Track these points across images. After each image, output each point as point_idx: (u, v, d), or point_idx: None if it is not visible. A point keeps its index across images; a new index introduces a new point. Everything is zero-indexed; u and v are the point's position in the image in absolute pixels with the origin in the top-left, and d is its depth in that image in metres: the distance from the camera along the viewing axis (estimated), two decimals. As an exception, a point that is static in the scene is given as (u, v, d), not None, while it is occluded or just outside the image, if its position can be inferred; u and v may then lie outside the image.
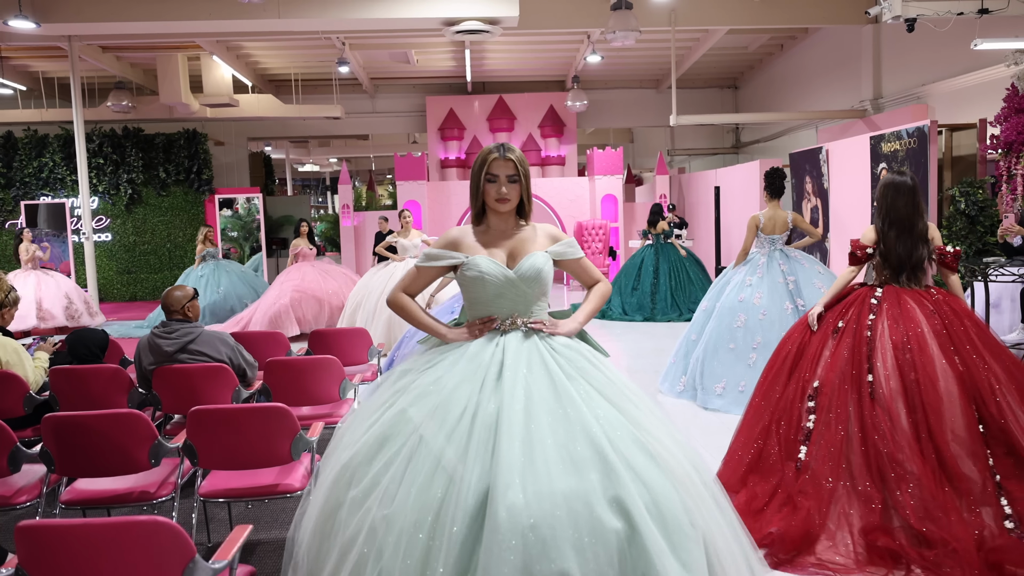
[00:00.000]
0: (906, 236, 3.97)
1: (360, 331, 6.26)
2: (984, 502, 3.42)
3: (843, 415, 3.73)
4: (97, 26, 10.23)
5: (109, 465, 3.57)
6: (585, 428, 2.47)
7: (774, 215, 6.70)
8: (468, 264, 2.86)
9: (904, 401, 3.64)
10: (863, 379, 3.76)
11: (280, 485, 3.72)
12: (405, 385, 2.75)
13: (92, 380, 4.68)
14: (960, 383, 3.63)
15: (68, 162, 15.43)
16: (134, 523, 2.29)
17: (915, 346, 3.74)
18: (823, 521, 3.52)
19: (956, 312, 3.87)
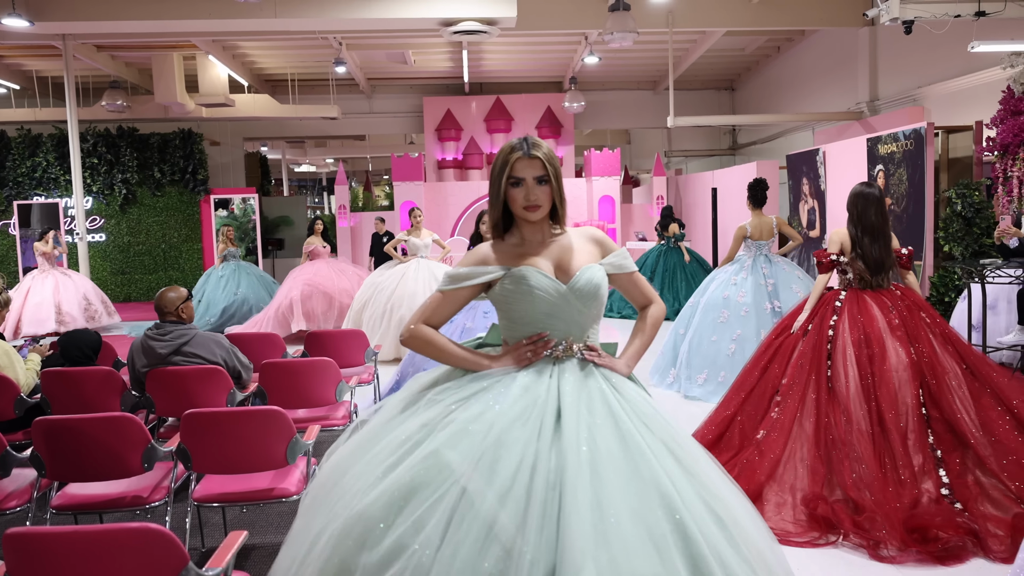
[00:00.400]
0: (880, 242, 4.42)
1: (357, 332, 6.21)
2: (925, 475, 3.86)
3: (800, 404, 4.20)
4: (91, 25, 10.15)
5: (101, 469, 3.52)
6: (661, 493, 2.04)
7: (760, 223, 7.17)
8: (512, 276, 2.37)
9: (860, 391, 4.10)
10: (823, 373, 4.25)
11: (275, 489, 3.66)
12: (436, 418, 2.23)
13: (84, 382, 4.62)
14: (912, 370, 4.11)
15: (62, 162, 15.32)
16: (125, 530, 2.24)
17: (872, 342, 4.22)
18: (769, 483, 3.99)
19: (913, 306, 4.37)
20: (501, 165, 2.40)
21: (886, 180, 9.50)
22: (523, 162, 2.38)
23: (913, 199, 8.95)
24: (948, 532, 3.59)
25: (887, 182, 9.48)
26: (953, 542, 3.55)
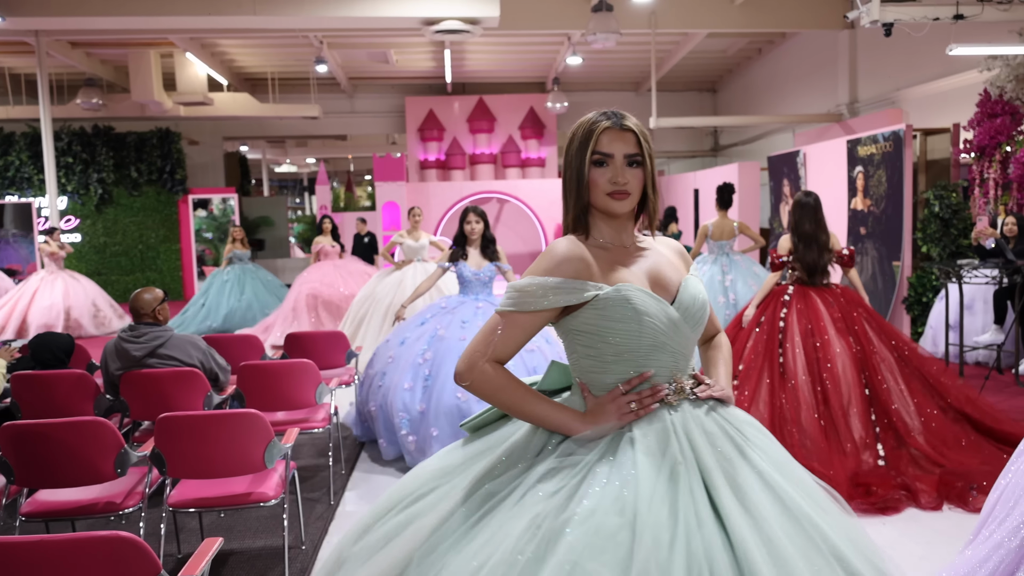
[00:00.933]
0: (812, 247, 5.01)
1: (337, 334, 6.12)
2: (866, 448, 4.48)
3: (756, 385, 4.75)
4: (65, 20, 9.95)
5: (72, 476, 3.41)
6: (839, 558, 1.65)
7: (722, 224, 7.68)
8: (612, 298, 1.78)
9: (808, 375, 4.69)
10: (775, 360, 4.83)
11: (253, 494, 3.58)
12: (544, 516, 1.60)
13: (56, 386, 4.50)
14: (852, 359, 4.71)
15: (35, 161, 15.07)
16: (95, 539, 2.15)
17: (817, 332, 4.81)
18: None
19: (852, 303, 4.98)
20: (583, 137, 1.86)
21: (865, 181, 9.54)
22: (611, 134, 1.87)
23: (892, 200, 8.99)
24: (886, 488, 4.20)
25: (866, 183, 9.52)
26: (891, 495, 4.16)
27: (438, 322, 5.34)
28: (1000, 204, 8.28)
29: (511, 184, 16.07)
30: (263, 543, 4.15)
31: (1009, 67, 8.26)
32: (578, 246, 1.85)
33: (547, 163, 17.11)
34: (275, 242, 19.09)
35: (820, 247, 5.01)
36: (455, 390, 4.83)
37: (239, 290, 11.14)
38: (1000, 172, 8.31)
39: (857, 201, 9.78)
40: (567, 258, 1.81)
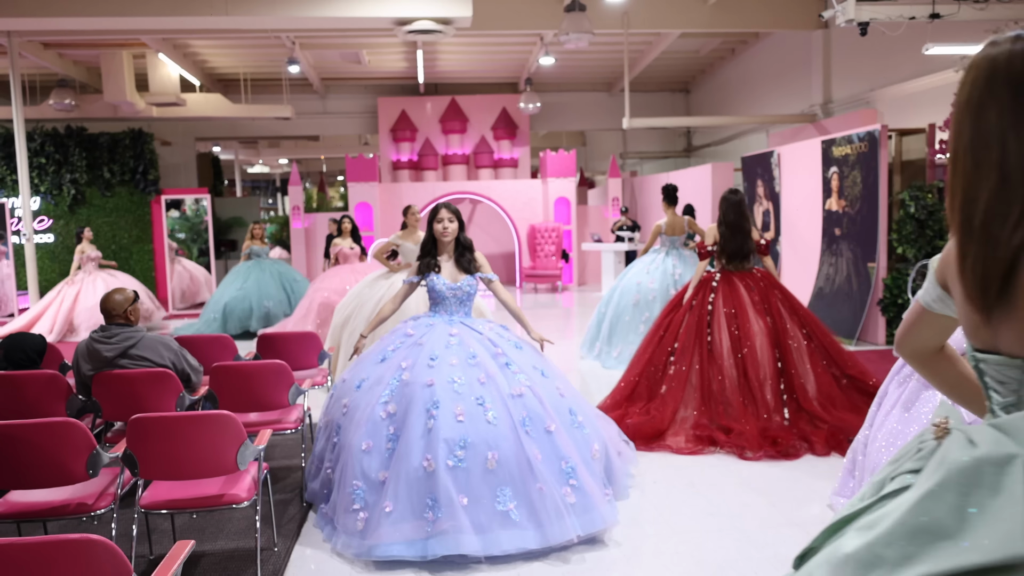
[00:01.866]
0: (737, 236, 5.88)
1: (310, 335, 6.13)
2: (775, 411, 5.47)
3: (690, 363, 5.68)
4: (37, 21, 9.87)
5: (44, 476, 3.42)
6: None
7: (672, 221, 8.34)
8: None
9: (731, 351, 5.62)
10: (704, 339, 5.72)
11: (226, 496, 3.60)
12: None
13: (28, 386, 4.49)
14: (768, 337, 5.63)
15: (8, 161, 14.92)
16: (66, 542, 2.17)
17: (739, 313, 5.71)
18: (671, 423, 5.54)
19: (770, 285, 5.87)
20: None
21: (840, 182, 9.63)
22: None
23: (867, 201, 9.09)
24: (788, 440, 5.27)
25: (841, 184, 9.61)
26: (792, 444, 5.25)
27: (403, 358, 4.29)
28: None
29: (484, 185, 16.11)
30: (235, 545, 4.16)
31: None
32: None
33: (520, 163, 17.16)
34: (248, 243, 19.01)
35: (744, 236, 5.89)
36: (423, 451, 3.86)
37: (240, 282, 11.07)
38: None
39: (832, 202, 9.87)
40: None
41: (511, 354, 4.38)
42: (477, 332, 4.47)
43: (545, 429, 4.06)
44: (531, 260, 15.82)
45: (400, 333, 4.55)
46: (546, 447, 4.00)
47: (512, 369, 4.27)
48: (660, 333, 5.98)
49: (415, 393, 4.06)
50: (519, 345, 4.53)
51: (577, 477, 3.99)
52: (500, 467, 3.86)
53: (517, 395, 4.13)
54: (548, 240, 15.65)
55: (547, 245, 15.65)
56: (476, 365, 4.20)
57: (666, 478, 4.97)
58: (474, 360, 4.22)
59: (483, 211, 16.40)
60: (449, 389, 4.05)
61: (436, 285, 4.60)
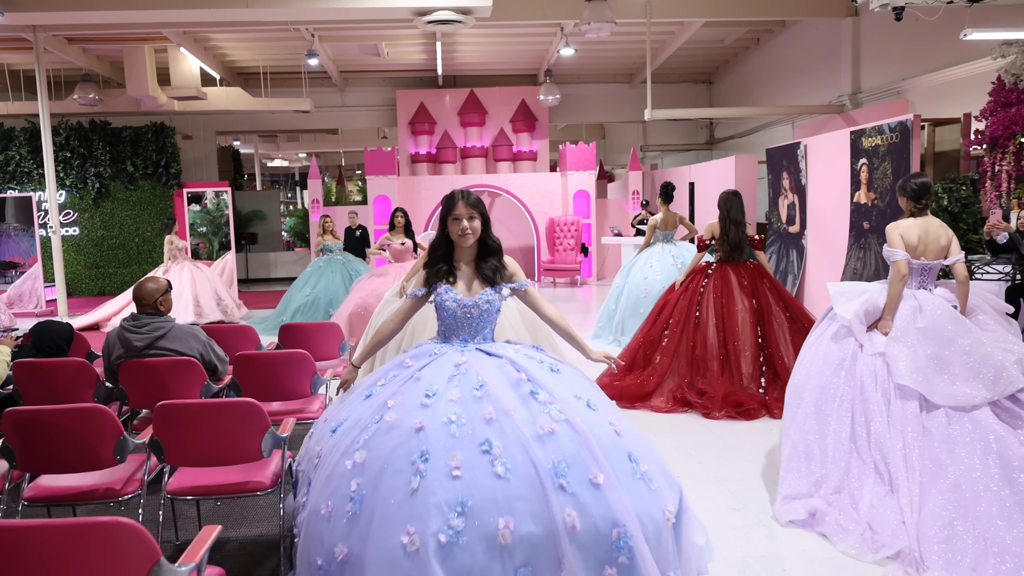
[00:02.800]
0: (736, 230, 6.54)
1: (332, 325, 6.15)
2: (752, 380, 6.20)
3: (680, 335, 6.45)
4: (62, 16, 9.99)
5: (73, 461, 3.46)
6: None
7: (667, 217, 8.86)
8: None
9: (716, 328, 6.35)
10: (692, 315, 6.47)
11: (250, 483, 3.61)
12: None
13: (57, 374, 4.54)
14: (751, 313, 6.34)
15: (35, 155, 15.15)
16: (96, 524, 2.19)
17: (726, 294, 6.43)
18: (657, 387, 6.38)
19: (760, 275, 6.55)
20: None
21: (869, 174, 9.46)
22: None
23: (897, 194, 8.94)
24: (749, 403, 6.03)
25: (870, 176, 9.45)
26: (753, 407, 6.02)
27: (391, 394, 3.22)
28: (1013, 198, 7.92)
29: (502, 178, 16.09)
30: (259, 531, 4.19)
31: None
32: None
33: (539, 156, 17.13)
34: (268, 236, 19.13)
35: (742, 230, 6.55)
36: (403, 521, 2.77)
37: (314, 282, 10.70)
38: (1014, 164, 7.94)
39: (860, 194, 9.69)
40: None
41: (542, 379, 3.21)
42: (496, 356, 3.34)
43: (590, 481, 2.87)
44: (550, 254, 15.80)
45: (396, 363, 3.46)
46: (590, 507, 2.83)
47: (540, 399, 3.10)
48: (657, 311, 6.74)
49: (397, 441, 2.96)
50: (555, 368, 3.36)
51: (632, 553, 2.82)
52: (518, 541, 2.75)
53: (545, 434, 2.97)
54: (567, 234, 15.62)
55: (566, 239, 15.62)
56: (483, 397, 3.08)
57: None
58: (481, 390, 3.11)
59: (501, 204, 16.38)
60: (443, 432, 2.95)
61: (443, 300, 3.45)
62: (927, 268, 4.30)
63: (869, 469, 3.98)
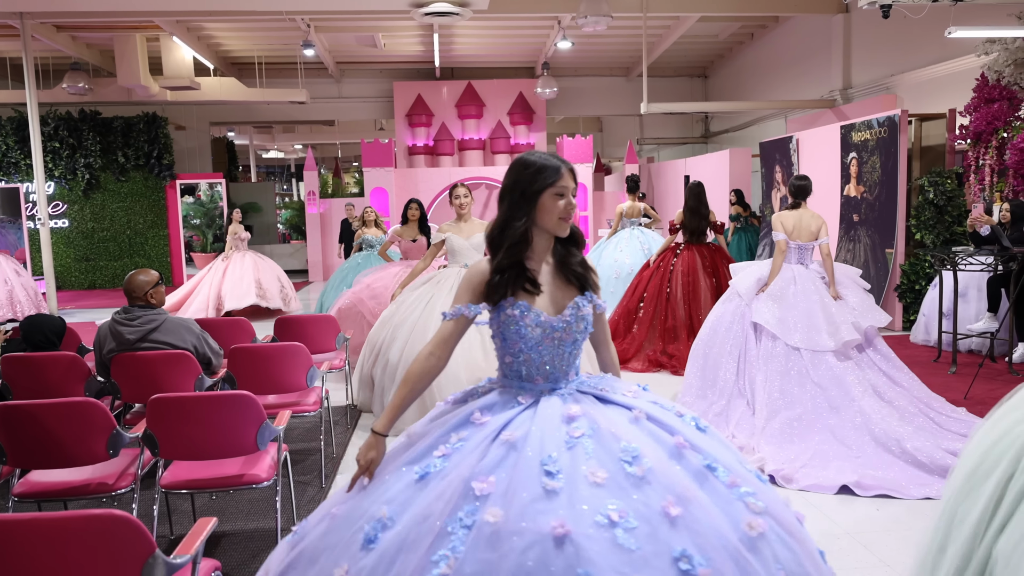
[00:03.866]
0: (695, 217, 7.50)
1: (327, 318, 6.08)
2: None
3: (654, 308, 7.46)
4: (50, 2, 9.87)
5: (65, 456, 3.39)
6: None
7: (632, 206, 9.49)
8: None
9: (683, 301, 7.37)
10: (664, 289, 7.46)
11: (246, 476, 3.56)
12: None
13: (48, 368, 4.47)
14: (712, 290, 7.31)
15: (22, 145, 14.97)
16: (89, 517, 2.13)
17: (691, 272, 7.42)
18: (636, 353, 7.38)
19: (719, 256, 7.54)
20: None
21: (859, 168, 9.51)
22: None
23: (885, 187, 8.98)
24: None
25: (860, 170, 9.49)
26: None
27: (475, 473, 2.00)
28: (995, 191, 8.15)
29: (500, 170, 16.02)
30: (255, 525, 4.14)
31: (1008, 51, 8.11)
32: None
33: (536, 149, 17.06)
34: (263, 228, 19.02)
35: (700, 217, 7.48)
36: None
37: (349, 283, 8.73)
38: (996, 158, 8.16)
39: (850, 187, 9.75)
40: None
41: (701, 443, 2.17)
42: (616, 405, 2.26)
43: None
44: (546, 246, 15.75)
45: (456, 420, 2.25)
46: None
47: (721, 478, 2.07)
48: (633, 288, 7.72)
49: (521, 560, 1.79)
50: (697, 423, 2.30)
51: None
52: None
53: (757, 536, 1.94)
54: (563, 226, 15.58)
55: (562, 231, 15.58)
56: (646, 477, 1.97)
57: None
58: (636, 464, 2.00)
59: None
60: (606, 543, 1.81)
61: (520, 325, 2.30)
62: (803, 248, 5.53)
63: (743, 399, 5.24)
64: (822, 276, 5.46)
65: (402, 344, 5.48)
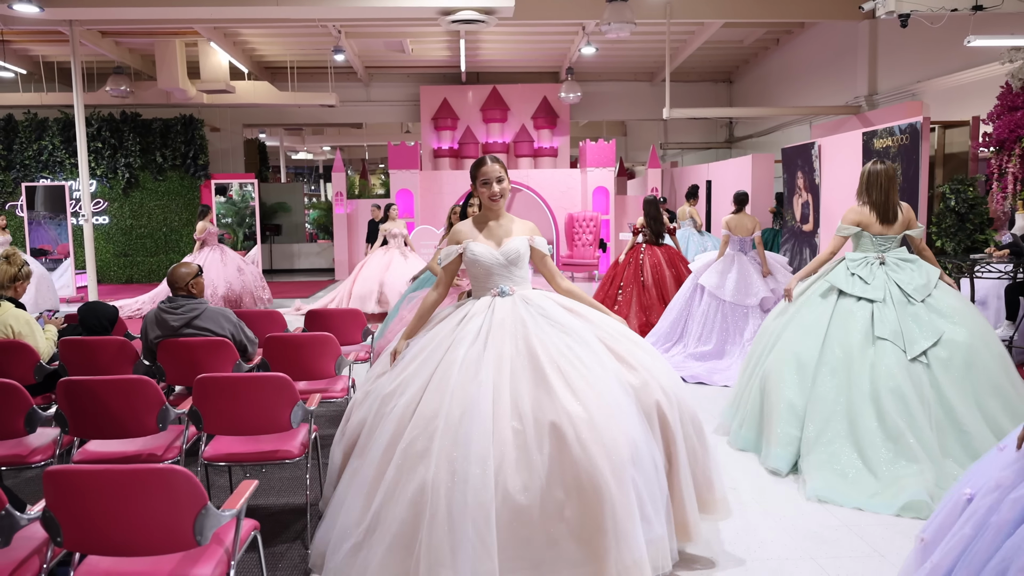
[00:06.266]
0: (653, 223, 8.91)
1: (354, 312, 6.43)
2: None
3: (632, 293, 8.80)
4: (98, 11, 10.37)
5: (119, 428, 3.76)
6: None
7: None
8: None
9: (653, 284, 8.75)
10: (639, 278, 8.83)
11: (280, 451, 3.90)
12: None
13: (101, 351, 4.86)
14: (674, 279, 8.70)
15: (67, 145, 15.59)
16: (153, 470, 2.48)
17: (657, 266, 8.85)
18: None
19: (674, 255, 8.98)
20: None
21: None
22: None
23: (907, 194, 9.09)
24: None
25: (880, 176, 9.63)
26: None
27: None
28: (1019, 199, 8.13)
29: (523, 174, 16.34)
30: (286, 500, 4.49)
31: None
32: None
33: (559, 153, 17.36)
34: (291, 228, 19.50)
35: (657, 223, 8.91)
36: None
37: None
38: (1019, 166, 8.14)
39: (873, 194, 9.90)
40: None
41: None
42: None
43: None
44: (568, 249, 16.04)
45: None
46: None
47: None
48: (609, 280, 9.10)
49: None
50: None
51: None
52: None
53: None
54: (586, 229, 15.84)
55: (585, 234, 15.84)
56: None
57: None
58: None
59: (522, 200, 16.64)
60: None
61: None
62: (743, 240, 8.01)
63: (693, 340, 7.86)
64: (756, 262, 7.97)
65: (392, 434, 3.29)
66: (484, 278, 3.66)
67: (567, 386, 3.22)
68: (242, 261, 11.82)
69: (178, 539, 2.52)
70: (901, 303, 4.74)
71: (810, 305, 4.99)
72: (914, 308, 4.71)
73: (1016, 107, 8.26)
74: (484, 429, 3.10)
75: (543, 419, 3.14)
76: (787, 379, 4.77)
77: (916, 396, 4.43)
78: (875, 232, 5.00)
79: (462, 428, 3.12)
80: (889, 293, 4.79)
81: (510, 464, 3.07)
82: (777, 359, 4.91)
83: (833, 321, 4.80)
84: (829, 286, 4.98)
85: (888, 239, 5.00)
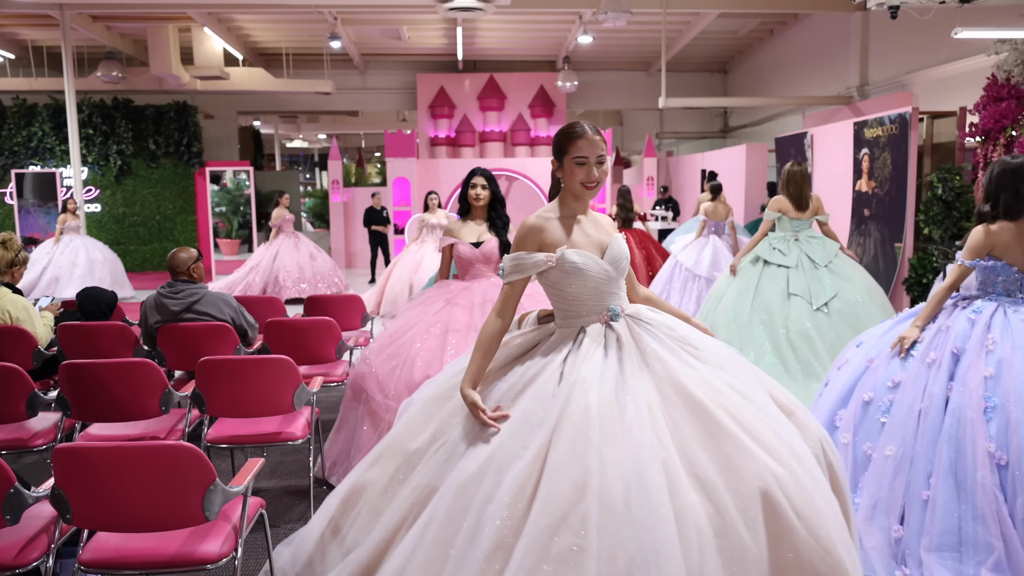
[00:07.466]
0: (627, 210, 9.27)
1: (354, 297, 6.43)
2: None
3: None
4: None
5: (121, 411, 3.75)
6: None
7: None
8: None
9: (643, 261, 9.08)
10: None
11: (283, 433, 3.90)
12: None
13: (100, 336, 4.84)
14: (645, 260, 9.17)
15: (57, 132, 15.45)
16: (161, 447, 2.48)
17: (630, 247, 8.32)
18: None
19: (645, 238, 9.53)
20: None
21: (871, 164, 9.71)
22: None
23: (896, 182, 9.17)
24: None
25: (872, 165, 9.69)
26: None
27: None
28: None
29: (520, 162, 16.33)
30: (288, 483, 4.49)
31: (1017, 51, 8.22)
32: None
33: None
34: (287, 216, 19.43)
35: (628, 210, 9.27)
36: None
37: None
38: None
39: (862, 183, 9.96)
40: None
41: None
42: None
43: None
44: (564, 237, 16.02)
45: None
46: None
47: None
48: None
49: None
50: None
51: None
52: None
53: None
54: (582, 217, 15.85)
55: (580, 222, 15.84)
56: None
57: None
58: None
59: (519, 188, 16.61)
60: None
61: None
62: (718, 224, 8.80)
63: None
64: (729, 243, 8.78)
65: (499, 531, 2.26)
66: (587, 298, 2.59)
67: (754, 440, 2.26)
68: (315, 248, 11.93)
69: (186, 515, 2.52)
70: (809, 268, 6.08)
71: (744, 272, 6.42)
72: (818, 272, 6.05)
73: (1001, 98, 8.39)
74: (661, 512, 2.09)
75: (743, 489, 2.16)
76: (730, 327, 6.13)
77: (818, 336, 5.77)
78: (792, 216, 6.35)
79: (633, 512, 2.09)
80: (800, 262, 6.14)
81: (712, 564, 2.08)
82: (722, 313, 6.29)
83: (760, 283, 6.18)
84: (756, 257, 6.35)
85: (802, 222, 6.35)
